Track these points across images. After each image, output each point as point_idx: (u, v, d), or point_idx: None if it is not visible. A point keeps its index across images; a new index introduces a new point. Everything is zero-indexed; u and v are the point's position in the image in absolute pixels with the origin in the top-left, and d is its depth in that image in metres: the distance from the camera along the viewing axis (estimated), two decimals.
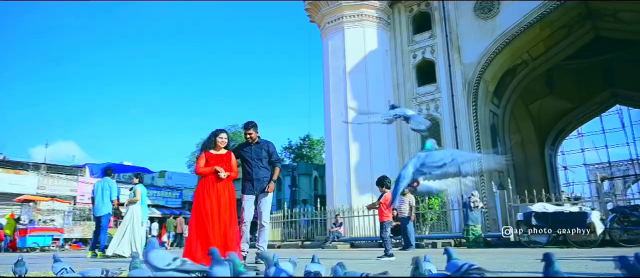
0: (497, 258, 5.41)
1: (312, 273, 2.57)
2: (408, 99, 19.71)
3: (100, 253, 7.43)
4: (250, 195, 4.90)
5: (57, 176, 23.66)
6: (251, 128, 4.99)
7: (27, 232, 15.02)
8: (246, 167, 4.93)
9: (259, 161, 4.88)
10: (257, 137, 5.01)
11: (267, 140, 5.15)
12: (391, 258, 5.35)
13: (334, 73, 19.70)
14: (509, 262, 4.60)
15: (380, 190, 6.17)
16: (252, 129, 4.99)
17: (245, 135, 5.03)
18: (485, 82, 18.66)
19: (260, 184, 4.87)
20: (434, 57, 19.43)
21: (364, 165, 18.43)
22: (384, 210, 5.88)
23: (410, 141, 19.37)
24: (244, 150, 5.00)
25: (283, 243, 14.14)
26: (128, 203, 7.38)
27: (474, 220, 9.56)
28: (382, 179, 6.15)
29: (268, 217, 4.89)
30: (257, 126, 5.02)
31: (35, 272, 3.39)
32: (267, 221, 4.88)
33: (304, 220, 16.45)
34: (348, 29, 19.63)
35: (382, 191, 6.11)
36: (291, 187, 36.93)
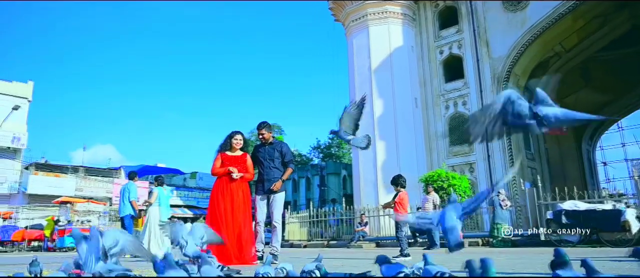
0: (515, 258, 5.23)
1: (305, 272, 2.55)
2: (435, 95, 19.39)
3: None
4: (261, 195, 4.94)
5: (93, 178, 24.58)
6: (263, 128, 5.02)
7: (65, 233, 15.68)
8: (259, 167, 4.97)
9: (271, 162, 4.90)
10: (270, 137, 5.04)
11: (281, 141, 5.17)
12: (407, 258, 5.27)
13: (359, 71, 19.60)
14: (522, 263, 4.45)
15: (395, 189, 6.08)
16: (264, 129, 5.02)
17: (258, 136, 5.06)
18: (515, 76, 18.12)
19: (271, 185, 4.88)
20: (461, 52, 19.03)
21: (391, 163, 18.24)
22: (399, 209, 5.79)
23: (439, 138, 19.05)
24: (258, 151, 5.04)
25: (309, 243, 14.16)
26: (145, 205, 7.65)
27: (502, 219, 9.29)
28: (397, 178, 6.06)
29: (279, 217, 4.90)
30: (270, 126, 5.06)
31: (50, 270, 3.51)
32: (279, 221, 4.90)
33: (334, 220, 16.43)
34: (372, 27, 19.48)
35: (397, 190, 6.02)
36: (320, 186, 37.00)
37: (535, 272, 3.54)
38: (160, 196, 7.47)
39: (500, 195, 9.71)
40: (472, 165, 18.15)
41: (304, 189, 39.54)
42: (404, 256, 5.36)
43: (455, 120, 18.89)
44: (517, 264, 4.26)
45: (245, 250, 4.71)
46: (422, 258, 2.11)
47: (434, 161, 18.69)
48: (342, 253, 8.26)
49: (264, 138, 5.04)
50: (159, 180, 7.90)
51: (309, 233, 15.12)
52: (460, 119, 18.80)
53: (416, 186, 15.11)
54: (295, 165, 40.38)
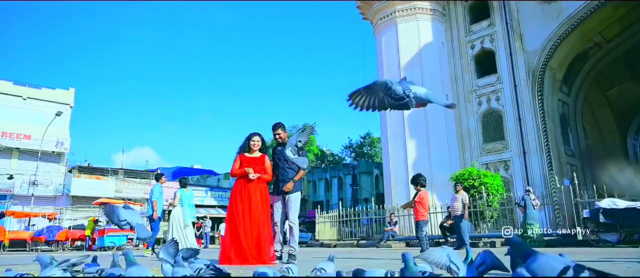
0: None
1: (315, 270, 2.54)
2: (467, 91, 18.92)
3: (147, 250, 8.05)
4: (277, 196, 4.95)
5: (132, 180, 25.48)
6: (279, 128, 5.03)
7: (104, 233, 16.35)
8: (276, 168, 4.98)
9: (285, 162, 4.90)
10: (285, 137, 5.04)
11: None
12: None
13: (388, 69, 19.36)
14: None
15: (415, 188, 5.94)
16: (279, 129, 5.03)
17: (273, 137, 5.08)
18: (551, 70, 17.42)
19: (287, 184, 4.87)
20: (493, 47, 18.48)
21: (423, 162, 17.94)
22: (419, 209, 5.66)
23: (471, 136, 18.59)
24: (275, 153, 5.06)
25: (339, 243, 14.13)
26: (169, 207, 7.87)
27: (534, 219, 8.93)
28: (417, 178, 5.92)
29: (295, 217, 4.89)
30: (285, 126, 5.06)
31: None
32: (295, 221, 4.89)
33: (366, 219, 16.32)
34: (401, 24, 19.22)
35: (417, 189, 5.88)
36: (352, 185, 36.88)
37: None
38: (183, 197, 7.64)
39: (531, 195, 9.35)
40: (506, 163, 17.59)
41: (336, 189, 39.53)
42: None
43: (489, 117, 18.37)
44: None
45: (264, 251, 4.73)
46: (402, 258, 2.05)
47: (466, 159, 18.25)
48: (369, 253, 8.17)
49: (280, 137, 5.05)
50: (182, 182, 8.10)
51: (339, 233, 15.07)
52: (494, 115, 18.27)
53: (448, 185, 14.80)
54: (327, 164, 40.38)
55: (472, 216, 11.44)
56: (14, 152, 23.63)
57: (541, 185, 15.86)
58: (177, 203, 7.59)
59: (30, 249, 17.24)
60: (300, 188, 5.06)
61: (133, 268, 2.03)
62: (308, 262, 4.87)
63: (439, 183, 16.25)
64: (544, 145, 16.70)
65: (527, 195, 9.23)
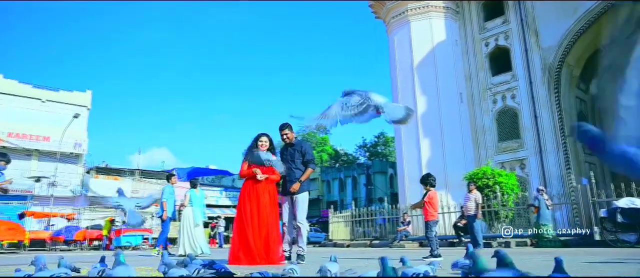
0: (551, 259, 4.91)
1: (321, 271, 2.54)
2: (482, 89, 18.67)
3: (155, 250, 8.15)
4: (285, 196, 4.95)
5: (148, 180, 25.83)
6: (286, 128, 5.01)
7: (121, 232, 16.60)
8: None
9: (292, 162, 4.89)
10: (293, 137, 5.03)
11: (302, 141, 5.15)
12: (438, 259, 5.09)
13: (401, 68, 19.24)
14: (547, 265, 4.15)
15: (424, 188, 5.88)
16: (286, 129, 5.01)
17: (281, 137, 5.07)
18: (568, 66, 17.10)
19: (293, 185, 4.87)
20: (508, 44, 18.21)
21: (437, 161, 17.78)
22: (428, 209, 5.60)
23: (486, 134, 18.35)
24: (282, 153, 5.06)
25: (352, 243, 14.08)
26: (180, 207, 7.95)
27: (547, 220, 8.76)
28: (426, 177, 5.86)
29: (303, 218, 4.88)
30: (292, 127, 5.05)
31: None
32: (303, 221, 4.87)
33: (381, 219, 16.24)
34: (414, 22, 19.07)
35: (426, 189, 5.82)
36: (366, 185, 36.77)
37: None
38: (192, 198, 7.72)
39: (544, 194, 9.18)
40: (522, 162, 17.32)
41: (350, 188, 39.46)
42: (435, 256, 5.18)
43: (504, 115, 18.11)
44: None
45: (272, 251, 4.74)
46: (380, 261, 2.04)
47: (481, 158, 18.01)
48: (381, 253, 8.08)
49: (288, 137, 5.04)
50: (192, 182, 8.17)
51: (352, 233, 15.02)
52: (509, 113, 18.00)
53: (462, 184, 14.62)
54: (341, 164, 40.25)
55: (486, 216, 11.29)
56: (34, 154, 24.16)
57: (558, 184, 15.58)
58: (187, 203, 7.67)
59: (49, 249, 17.58)
60: (308, 188, 5.04)
61: (119, 268, 2.05)
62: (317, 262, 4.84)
63: (453, 183, 16.08)
64: (561, 143, 16.41)
65: (540, 195, 9.06)
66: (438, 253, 5.23)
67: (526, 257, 5.52)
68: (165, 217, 8.16)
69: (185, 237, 7.40)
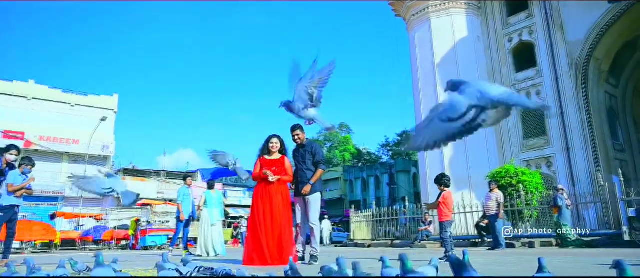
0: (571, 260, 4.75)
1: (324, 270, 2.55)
2: (505, 86, 18.23)
3: (182, 251, 8.36)
4: (297, 197, 4.96)
5: (173, 181, 26.32)
6: (297, 129, 5.04)
7: (146, 232, 17.00)
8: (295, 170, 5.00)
9: (303, 163, 4.90)
10: (304, 138, 5.04)
11: (313, 142, 5.15)
12: None
13: (422, 66, 19.01)
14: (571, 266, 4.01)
15: (439, 188, 5.78)
16: (298, 130, 5.04)
17: (292, 138, 5.08)
18: (596, 61, 16.54)
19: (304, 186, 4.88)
20: (532, 39, 17.75)
21: (459, 160, 17.49)
22: (443, 209, 5.51)
23: (511, 132, 17.93)
24: (294, 154, 5.08)
25: (373, 243, 14.00)
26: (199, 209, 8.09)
27: (567, 219, 8.49)
28: (440, 177, 5.76)
29: (316, 219, 4.87)
30: (303, 128, 5.05)
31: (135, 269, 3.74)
32: (315, 222, 4.87)
33: (405, 219, 16.08)
34: (434, 19, 18.80)
35: (440, 190, 5.73)
36: (389, 184, 36.49)
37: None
38: (208, 199, 7.84)
39: (564, 194, 8.90)
40: (549, 159, 16.85)
41: (373, 188, 39.24)
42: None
43: (529, 112, 17.64)
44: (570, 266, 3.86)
45: (285, 252, 4.75)
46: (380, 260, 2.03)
47: (506, 156, 17.61)
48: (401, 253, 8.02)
49: (299, 138, 5.05)
50: (209, 183, 8.30)
51: (373, 233, 14.93)
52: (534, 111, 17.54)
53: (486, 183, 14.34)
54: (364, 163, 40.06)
55: (510, 215, 11.03)
56: (64, 157, 24.97)
57: (587, 182, 15.09)
58: (202, 204, 7.82)
59: (80, 248, 18.12)
60: (320, 189, 5.04)
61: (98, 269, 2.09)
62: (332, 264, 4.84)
63: (476, 182, 15.78)
64: (590, 140, 15.88)
65: (560, 195, 8.79)
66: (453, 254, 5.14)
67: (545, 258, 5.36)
68: (183, 218, 8.33)
69: (201, 238, 7.54)
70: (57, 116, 24.97)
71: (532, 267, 4.00)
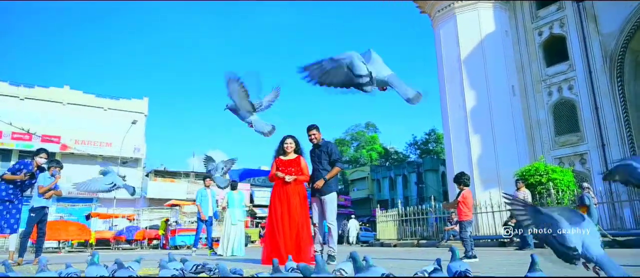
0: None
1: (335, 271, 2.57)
2: (535, 81, 17.73)
3: (210, 251, 8.53)
4: (314, 197, 4.96)
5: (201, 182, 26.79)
6: (313, 129, 5.04)
7: (175, 232, 17.36)
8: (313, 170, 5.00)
9: (319, 163, 4.89)
10: (320, 138, 5.03)
11: (329, 141, 5.13)
12: (472, 260, 4.88)
13: (448, 62, 18.69)
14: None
15: (458, 187, 5.65)
16: (314, 130, 5.04)
17: (308, 138, 5.08)
18: (633, 53, 15.85)
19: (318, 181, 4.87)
20: (564, 32, 17.17)
21: (488, 157, 17.11)
22: (462, 208, 5.38)
23: (542, 128, 17.41)
24: (310, 155, 5.08)
25: (399, 242, 13.85)
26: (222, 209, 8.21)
27: (595, 219, 8.14)
28: (460, 176, 5.62)
29: (333, 218, 4.85)
30: (319, 128, 5.04)
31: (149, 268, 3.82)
32: (333, 222, 4.85)
33: (435, 218, 15.85)
34: (460, 14, 18.44)
35: (459, 189, 5.60)
36: (417, 183, 36.05)
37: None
38: (229, 199, 7.94)
39: (590, 192, 8.54)
40: (582, 156, 16.25)
41: (400, 187, 38.83)
42: (469, 258, 4.97)
43: (561, 107, 17.09)
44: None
45: (303, 251, 4.75)
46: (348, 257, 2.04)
47: (537, 153, 17.10)
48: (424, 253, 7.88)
49: (315, 137, 5.05)
50: (232, 184, 8.41)
51: (399, 233, 14.77)
52: (566, 105, 16.97)
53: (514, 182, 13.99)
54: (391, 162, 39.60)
55: None
56: (98, 159, 25.82)
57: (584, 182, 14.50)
58: (224, 204, 7.95)
59: (114, 248, 18.69)
60: (336, 189, 5.02)
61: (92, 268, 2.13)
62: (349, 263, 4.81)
63: (505, 180, 15.39)
64: (627, 136, 15.25)
65: (586, 193, 8.44)
66: (473, 254, 5.02)
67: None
68: (203, 218, 8.49)
69: (224, 238, 7.67)
70: (91, 120, 25.86)
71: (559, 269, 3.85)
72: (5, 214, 5.89)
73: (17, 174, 5.83)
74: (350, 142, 48.88)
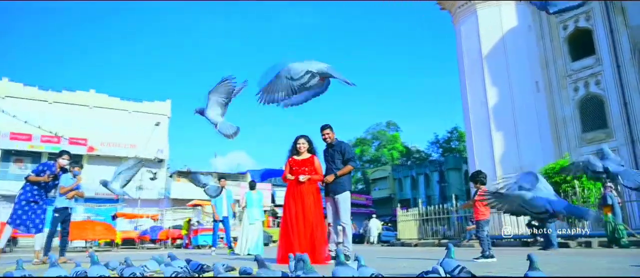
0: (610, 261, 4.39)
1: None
2: (560, 77, 17.25)
3: (229, 250, 8.71)
4: (328, 197, 4.95)
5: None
6: (327, 129, 5.05)
7: (197, 232, 17.62)
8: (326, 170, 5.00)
9: (332, 163, 4.89)
10: (333, 138, 5.03)
11: (342, 141, 5.12)
12: (489, 260, 4.78)
13: (469, 59, 18.40)
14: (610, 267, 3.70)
15: (475, 186, 5.54)
16: (327, 129, 5.04)
17: (322, 137, 5.08)
18: None
19: (334, 186, 4.87)
20: (590, 25, 16.64)
21: (511, 155, 16.77)
22: (479, 208, 5.27)
23: (568, 125, 16.92)
24: (324, 154, 5.09)
25: (420, 242, 13.70)
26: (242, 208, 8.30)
27: (619, 218, 7.84)
28: (476, 175, 5.52)
29: (347, 217, 4.83)
30: (332, 127, 5.03)
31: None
32: (347, 221, 4.83)
33: (458, 217, 15.63)
34: (481, 10, 18.12)
35: (476, 187, 5.48)
36: (440, 182, 35.61)
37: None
38: (248, 199, 8.01)
39: (612, 191, 8.23)
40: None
41: (423, 186, 38.42)
42: (486, 257, 4.87)
43: (588, 103, 16.57)
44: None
45: (318, 251, 4.74)
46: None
47: (563, 150, 16.62)
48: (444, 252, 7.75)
49: (329, 137, 5.04)
50: (250, 184, 8.49)
51: (420, 232, 14.61)
52: (593, 101, 16.44)
53: None
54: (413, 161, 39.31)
55: None
56: (123, 160, 26.41)
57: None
58: (243, 204, 8.05)
59: (139, 247, 19.09)
60: (350, 188, 5.01)
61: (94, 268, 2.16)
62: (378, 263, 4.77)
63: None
64: None
65: (609, 192, 8.15)
66: (490, 253, 4.91)
67: (592, 259, 5.01)
68: (216, 218, 8.66)
69: (242, 237, 7.76)
70: (115, 122, 26.46)
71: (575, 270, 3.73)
72: (31, 215, 6.09)
73: (41, 176, 6.01)
74: (371, 141, 48.64)
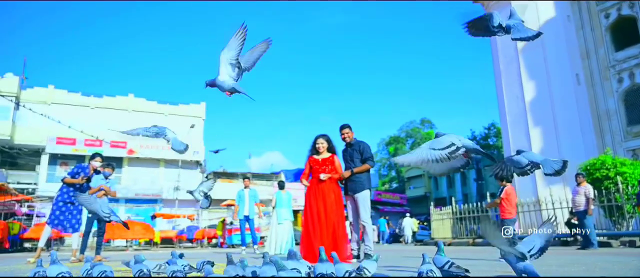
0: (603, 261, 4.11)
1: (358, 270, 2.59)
2: (602, 68, 16.45)
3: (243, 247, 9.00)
4: (347, 195, 4.92)
5: (258, 182, 27.49)
6: (346, 128, 5.03)
7: (232, 232, 17.93)
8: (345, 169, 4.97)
9: (351, 163, 4.86)
10: (352, 138, 5.00)
11: (361, 140, 5.07)
12: None
13: (504, 54, 17.82)
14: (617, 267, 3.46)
15: (500, 184, 5.32)
16: (346, 129, 5.03)
17: (341, 137, 5.05)
18: None
19: (353, 185, 4.83)
20: (634, 13, 15.79)
21: (550, 151, 16.06)
22: (505, 206, 5.06)
23: (611, 118, 16.12)
24: (343, 154, 5.07)
25: (454, 241, 13.40)
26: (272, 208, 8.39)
27: None
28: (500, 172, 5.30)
29: (367, 216, 4.77)
30: (351, 127, 5.00)
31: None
32: (367, 221, 4.77)
33: (496, 216, 15.20)
34: (516, 1, 17.46)
35: (502, 185, 5.27)
36: (477, 180, 34.62)
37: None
38: (277, 199, 8.10)
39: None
40: None
41: (459, 184, 37.54)
42: None
43: (633, 95, 15.74)
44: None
45: (340, 249, 4.72)
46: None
47: (607, 145, 15.84)
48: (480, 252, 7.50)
49: (348, 136, 5.01)
50: (280, 184, 8.59)
51: (454, 231, 14.29)
52: (639, 92, 15.59)
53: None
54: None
55: (606, 211, 9.90)
56: (160, 162, 27.28)
57: None
58: (273, 204, 8.16)
59: (177, 246, 19.63)
60: (369, 186, 4.95)
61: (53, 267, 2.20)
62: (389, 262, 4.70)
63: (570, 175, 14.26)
64: None
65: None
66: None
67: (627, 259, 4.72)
68: (234, 218, 8.85)
69: (271, 236, 7.88)
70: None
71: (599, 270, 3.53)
72: (68, 215, 6.38)
73: (76, 178, 6.28)
74: (405, 139, 48.01)
